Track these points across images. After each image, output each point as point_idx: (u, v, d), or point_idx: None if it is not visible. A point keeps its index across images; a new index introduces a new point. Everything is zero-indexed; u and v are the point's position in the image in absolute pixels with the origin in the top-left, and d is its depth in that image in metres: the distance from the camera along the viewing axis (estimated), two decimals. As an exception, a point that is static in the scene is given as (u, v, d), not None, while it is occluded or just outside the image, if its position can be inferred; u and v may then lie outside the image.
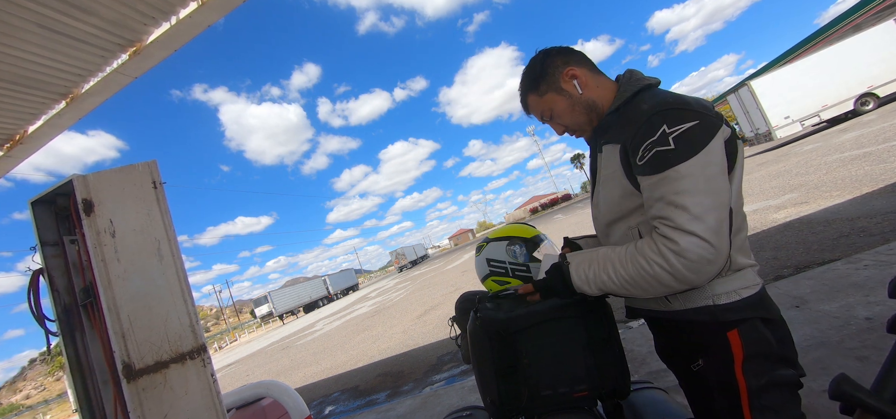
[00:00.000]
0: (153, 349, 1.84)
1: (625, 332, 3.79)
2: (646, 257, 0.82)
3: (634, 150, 0.85)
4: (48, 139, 3.40)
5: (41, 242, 2.03)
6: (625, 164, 0.90)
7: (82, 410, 1.95)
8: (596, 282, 0.91)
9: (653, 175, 0.81)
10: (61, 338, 2.00)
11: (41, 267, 2.03)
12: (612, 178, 0.94)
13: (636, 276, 0.84)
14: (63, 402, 43.73)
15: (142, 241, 1.99)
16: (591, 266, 0.92)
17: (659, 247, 0.80)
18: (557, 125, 1.05)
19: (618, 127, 0.94)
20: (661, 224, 0.80)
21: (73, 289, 2.07)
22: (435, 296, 12.59)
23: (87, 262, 1.97)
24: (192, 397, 1.81)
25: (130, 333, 1.83)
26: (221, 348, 41.33)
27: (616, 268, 0.87)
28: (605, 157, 0.97)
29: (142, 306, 1.90)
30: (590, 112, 1.00)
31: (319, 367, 8.26)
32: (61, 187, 2.00)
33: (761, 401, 0.82)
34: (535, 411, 1.08)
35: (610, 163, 0.95)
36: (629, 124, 0.89)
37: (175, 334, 1.91)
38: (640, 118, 0.85)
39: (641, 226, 0.91)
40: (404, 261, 57.70)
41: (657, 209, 0.81)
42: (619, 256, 0.88)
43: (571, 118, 1.02)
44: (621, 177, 0.91)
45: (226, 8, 2.68)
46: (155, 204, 2.05)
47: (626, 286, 0.86)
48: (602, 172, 0.98)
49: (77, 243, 2.10)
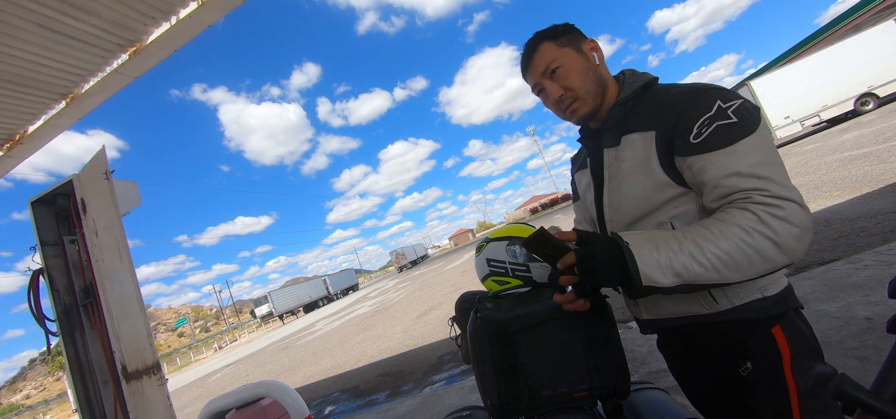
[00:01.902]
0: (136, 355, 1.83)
1: (625, 332, 3.80)
2: (743, 227, 0.70)
3: (684, 130, 0.78)
4: (48, 139, 3.40)
5: (41, 242, 2.03)
6: (661, 152, 0.83)
7: (82, 410, 1.95)
8: (674, 267, 0.71)
9: (717, 150, 0.75)
10: (61, 338, 2.00)
11: (41, 267, 2.03)
12: (639, 170, 0.86)
13: (734, 252, 0.69)
14: (63, 402, 43.72)
15: (110, 241, 1.96)
16: (659, 248, 0.73)
17: (759, 215, 0.70)
18: (557, 85, 0.94)
19: (640, 116, 0.88)
20: (754, 194, 0.72)
21: (73, 289, 2.07)
22: (435, 296, 12.59)
23: (87, 262, 1.97)
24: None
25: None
26: (221, 348, 41.33)
27: (702, 245, 0.71)
28: (626, 149, 0.89)
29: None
30: (599, 86, 0.94)
31: (319, 367, 8.26)
32: (61, 187, 2.00)
33: (810, 403, 0.78)
34: (535, 411, 1.08)
35: (635, 154, 0.87)
36: (662, 111, 0.83)
37: (130, 348, 1.85)
38: (682, 100, 0.81)
39: (675, 220, 0.84)
40: (404, 261, 57.71)
41: (733, 183, 0.74)
42: (701, 233, 0.72)
43: (580, 80, 0.93)
44: (655, 166, 0.84)
45: (226, 8, 2.68)
46: (109, 197, 2.02)
47: (719, 267, 0.70)
48: (622, 166, 0.90)
49: (77, 243, 2.10)
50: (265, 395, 2.21)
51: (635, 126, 0.88)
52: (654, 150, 0.84)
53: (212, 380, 14.05)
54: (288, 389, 2.19)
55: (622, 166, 0.90)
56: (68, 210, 2.06)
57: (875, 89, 14.12)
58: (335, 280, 52.70)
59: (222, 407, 2.19)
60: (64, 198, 2.07)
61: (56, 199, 2.09)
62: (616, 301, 4.55)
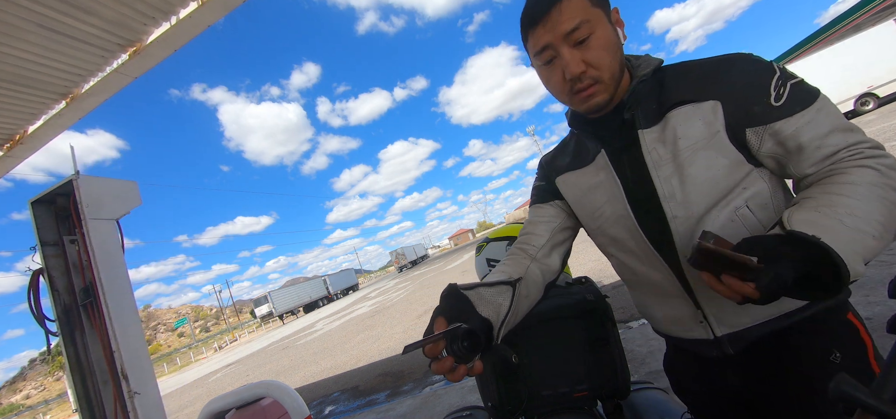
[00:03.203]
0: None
1: (625, 332, 3.80)
2: (875, 184, 0.60)
3: (760, 93, 0.68)
4: (48, 139, 3.40)
5: (41, 242, 2.03)
6: (730, 124, 0.70)
7: (82, 410, 1.95)
8: (864, 250, 0.56)
9: (805, 109, 0.66)
10: (61, 338, 2.00)
11: (41, 267, 2.03)
12: (706, 148, 0.71)
13: (884, 211, 0.59)
14: (63, 402, 43.72)
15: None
16: (836, 230, 0.56)
17: (879, 169, 0.61)
18: (579, 58, 0.72)
19: (680, 89, 0.74)
20: (862, 149, 0.64)
21: (73, 289, 2.07)
22: (435, 295, 12.59)
23: (88, 262, 1.97)
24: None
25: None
26: (221, 348, 41.34)
27: (858, 213, 0.58)
28: (680, 125, 0.73)
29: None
30: (621, 71, 0.77)
31: (319, 367, 8.26)
32: (61, 187, 2.00)
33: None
34: (535, 411, 1.08)
35: (696, 129, 0.72)
36: (711, 78, 0.72)
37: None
38: (737, 64, 0.71)
39: (750, 202, 0.71)
40: (404, 261, 57.72)
41: (836, 141, 0.65)
42: (843, 201, 0.59)
43: (607, 55, 0.73)
44: (725, 141, 0.70)
45: (226, 8, 2.68)
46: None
47: (884, 234, 0.58)
48: (680, 145, 0.73)
49: (77, 243, 2.10)
50: (265, 395, 2.21)
51: (683, 97, 0.74)
52: (722, 122, 0.70)
53: (212, 381, 14.05)
54: (288, 389, 2.19)
55: (679, 146, 0.73)
56: (68, 210, 2.06)
57: (875, 89, 14.11)
58: (335, 280, 52.73)
59: (222, 407, 2.19)
60: (64, 198, 2.07)
61: (56, 199, 2.09)
62: (616, 301, 4.55)
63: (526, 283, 0.87)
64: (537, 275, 0.91)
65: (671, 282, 0.80)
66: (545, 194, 0.99)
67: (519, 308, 0.82)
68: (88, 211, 1.92)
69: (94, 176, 2.04)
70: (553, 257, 0.95)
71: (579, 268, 7.07)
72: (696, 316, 0.79)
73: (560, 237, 0.97)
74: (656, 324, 0.92)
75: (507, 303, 0.77)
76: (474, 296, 0.73)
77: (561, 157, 0.97)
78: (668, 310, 0.85)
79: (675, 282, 0.79)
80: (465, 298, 0.72)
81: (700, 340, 0.81)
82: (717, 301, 0.76)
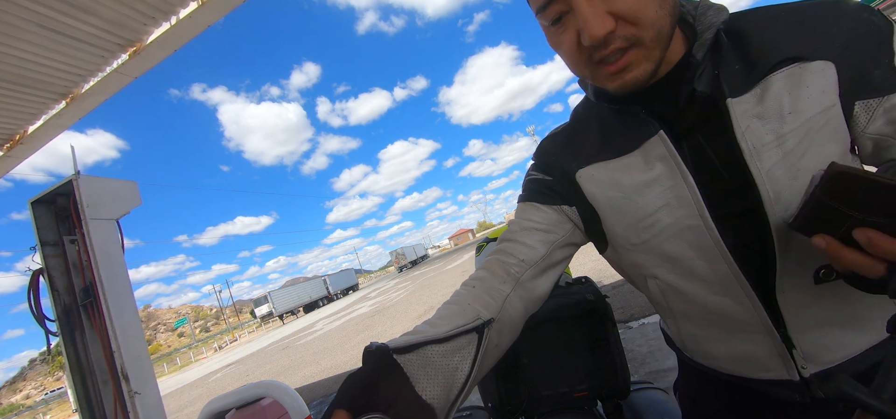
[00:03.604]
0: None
1: (625, 332, 3.80)
2: None
3: (881, 53, 0.48)
4: (48, 139, 3.40)
5: (41, 242, 2.03)
6: (843, 93, 0.50)
7: (82, 410, 1.95)
8: None
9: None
10: (61, 338, 2.00)
11: (41, 267, 2.03)
12: (824, 128, 0.50)
13: None
14: (63, 402, 43.73)
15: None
16: None
17: None
18: (604, 12, 0.45)
19: (769, 45, 0.52)
20: None
21: (73, 289, 2.07)
22: (435, 295, 12.60)
23: (88, 262, 1.97)
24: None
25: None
26: (221, 348, 41.37)
27: None
28: (789, 89, 0.50)
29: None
30: (672, 19, 0.49)
31: (319, 367, 8.26)
32: (61, 187, 2.00)
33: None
34: (536, 411, 1.08)
35: (811, 99, 0.49)
36: (809, 31, 0.51)
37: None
38: (845, 10, 0.50)
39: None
40: (404, 261, 57.73)
41: None
42: None
43: (655, 7, 0.46)
44: (839, 120, 0.50)
45: (226, 8, 2.68)
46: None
47: None
48: (790, 122, 0.50)
49: (77, 243, 2.10)
50: (265, 395, 2.21)
51: (786, 53, 0.51)
52: (836, 92, 0.49)
53: (212, 381, 14.05)
54: (288, 389, 2.19)
55: (789, 125, 0.50)
56: (68, 210, 2.06)
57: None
58: (335, 280, 52.74)
59: (222, 407, 2.19)
60: (64, 198, 2.07)
61: (56, 199, 2.09)
62: (616, 301, 4.54)
63: (499, 328, 0.59)
64: (517, 310, 0.63)
65: (753, 314, 0.56)
66: (548, 193, 0.70)
67: (483, 366, 0.56)
68: (88, 211, 1.92)
69: (94, 176, 2.04)
70: (542, 282, 0.67)
71: (579, 268, 7.08)
72: (779, 351, 0.58)
73: (558, 256, 0.69)
74: (713, 363, 0.67)
75: (466, 367, 0.52)
76: (415, 364, 0.46)
77: (579, 143, 0.67)
78: (740, 347, 0.61)
79: (760, 315, 0.56)
80: (397, 370, 0.44)
81: (778, 382, 0.59)
82: (812, 333, 0.55)
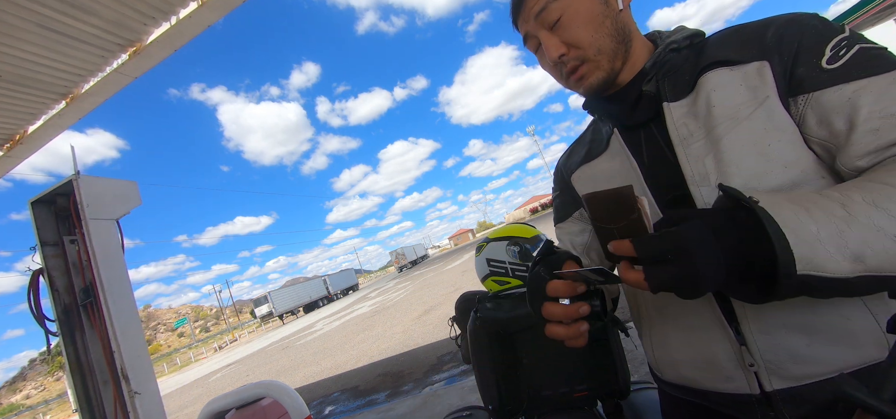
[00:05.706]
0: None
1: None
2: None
3: (810, 52, 0.52)
4: (48, 139, 3.40)
5: (41, 242, 2.03)
6: (782, 89, 0.53)
7: (82, 410, 1.95)
8: (849, 243, 0.40)
9: (872, 77, 0.48)
10: (61, 338, 2.00)
11: (41, 267, 2.03)
12: (752, 117, 0.54)
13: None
14: (63, 402, 43.74)
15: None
16: (811, 212, 0.42)
17: None
18: (557, 40, 0.63)
19: (719, 50, 0.59)
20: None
21: (73, 289, 2.07)
22: (435, 295, 12.60)
23: (88, 262, 1.97)
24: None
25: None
26: (221, 348, 41.35)
27: (890, 208, 0.41)
28: (715, 87, 0.57)
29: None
30: (619, 42, 0.63)
31: (319, 367, 8.26)
32: (61, 187, 2.00)
33: None
34: (535, 411, 1.08)
35: (736, 94, 0.55)
36: (754, 38, 0.56)
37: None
38: (792, 21, 0.55)
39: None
40: (404, 261, 57.73)
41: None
42: (878, 190, 0.43)
43: (592, 33, 0.61)
44: (778, 110, 0.53)
45: (226, 8, 2.68)
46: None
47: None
48: (716, 114, 0.57)
49: (77, 243, 2.10)
50: (265, 395, 2.21)
51: (719, 58, 0.58)
52: (772, 87, 0.53)
53: (212, 381, 14.05)
54: (288, 389, 2.19)
55: (714, 116, 0.56)
56: (68, 210, 2.06)
57: (875, 89, 14.12)
58: (335, 280, 52.75)
59: (222, 407, 2.19)
60: (64, 198, 2.07)
61: (56, 199, 2.09)
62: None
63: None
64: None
65: (704, 304, 0.59)
66: (564, 208, 0.85)
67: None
68: (88, 211, 1.92)
69: (94, 176, 2.04)
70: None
71: (579, 268, 7.07)
72: (737, 358, 0.57)
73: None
74: (678, 374, 0.67)
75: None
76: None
77: (576, 153, 0.82)
78: (697, 348, 0.61)
79: (709, 304, 0.58)
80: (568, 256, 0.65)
81: (737, 396, 0.57)
82: (774, 336, 0.53)
